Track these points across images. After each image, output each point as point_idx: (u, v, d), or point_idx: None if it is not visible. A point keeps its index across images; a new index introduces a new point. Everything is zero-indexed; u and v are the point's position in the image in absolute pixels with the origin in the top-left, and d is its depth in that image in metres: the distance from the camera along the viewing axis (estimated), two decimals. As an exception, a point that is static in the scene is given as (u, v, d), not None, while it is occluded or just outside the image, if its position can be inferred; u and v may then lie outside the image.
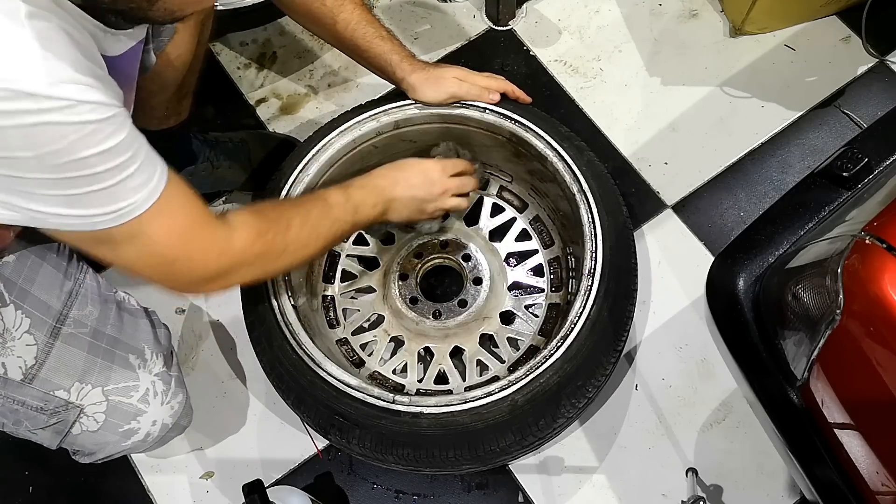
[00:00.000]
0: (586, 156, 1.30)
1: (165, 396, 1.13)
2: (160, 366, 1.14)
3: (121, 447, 1.12)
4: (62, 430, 1.07)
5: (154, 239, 0.86)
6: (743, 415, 1.40)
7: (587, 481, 1.37)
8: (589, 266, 1.20)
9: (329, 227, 1.08)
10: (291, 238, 1.02)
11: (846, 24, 1.71)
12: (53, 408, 1.05)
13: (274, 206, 1.08)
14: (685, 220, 1.56)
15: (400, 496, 1.39)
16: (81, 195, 0.78)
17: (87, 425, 1.08)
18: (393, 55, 1.26)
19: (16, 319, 1.03)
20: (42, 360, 1.04)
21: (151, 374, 1.12)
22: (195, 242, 0.91)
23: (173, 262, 0.90)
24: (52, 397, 1.05)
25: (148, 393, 1.11)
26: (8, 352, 1.03)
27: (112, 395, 1.08)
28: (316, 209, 1.07)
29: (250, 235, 0.96)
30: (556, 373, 1.14)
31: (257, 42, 1.78)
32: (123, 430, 1.09)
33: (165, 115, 1.37)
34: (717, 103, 1.65)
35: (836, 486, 0.93)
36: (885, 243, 0.81)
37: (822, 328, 0.86)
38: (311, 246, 1.06)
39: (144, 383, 1.10)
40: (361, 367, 1.37)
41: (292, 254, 1.04)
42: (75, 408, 1.06)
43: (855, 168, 1.04)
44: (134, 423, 1.10)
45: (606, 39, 1.73)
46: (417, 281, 1.42)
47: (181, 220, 0.89)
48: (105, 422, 1.08)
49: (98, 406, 1.07)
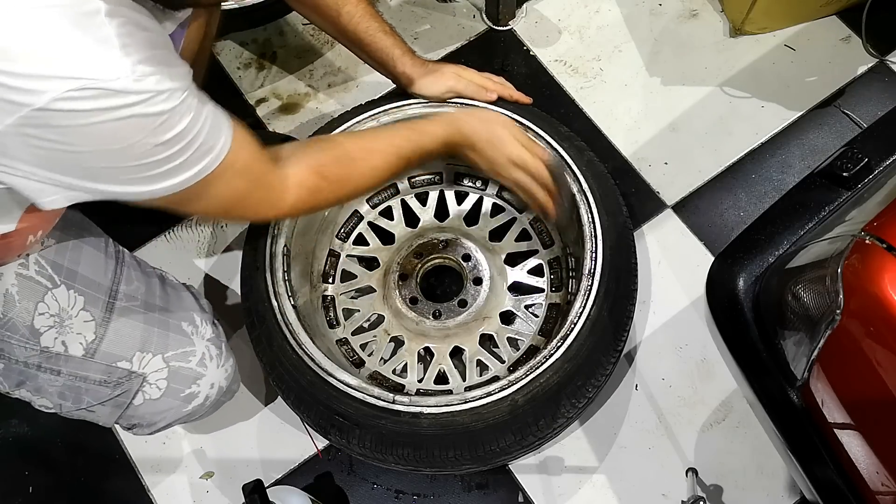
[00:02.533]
0: (586, 156, 1.30)
1: (220, 360, 1.17)
2: (210, 332, 1.18)
3: (182, 413, 1.15)
4: (123, 403, 1.11)
5: (229, 184, 0.91)
6: (743, 415, 1.40)
7: (587, 481, 1.37)
8: (589, 266, 1.20)
9: (393, 148, 1.11)
10: (349, 189, 1.08)
11: (846, 24, 1.71)
12: (117, 379, 1.09)
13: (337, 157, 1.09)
14: (685, 220, 1.56)
15: (400, 496, 1.39)
16: (164, 172, 0.82)
17: (149, 393, 1.11)
18: (395, 49, 1.28)
19: (69, 299, 1.06)
20: (101, 335, 1.07)
21: (204, 339, 1.16)
22: (258, 189, 0.96)
23: (239, 203, 0.96)
24: (115, 369, 1.08)
25: (204, 357, 1.15)
26: (66, 330, 1.06)
27: (172, 360, 1.12)
28: (379, 134, 1.14)
29: (303, 194, 1.01)
30: (556, 373, 1.14)
31: (257, 42, 1.78)
32: (185, 394, 1.13)
33: None
34: (717, 103, 1.65)
35: (836, 486, 0.93)
36: (885, 243, 0.81)
37: (822, 328, 0.86)
38: (371, 182, 1.10)
39: (200, 348, 1.15)
40: (361, 367, 1.37)
41: (349, 194, 1.10)
42: (138, 377, 1.10)
43: (855, 168, 1.04)
44: (194, 386, 1.14)
45: (606, 39, 1.73)
46: (417, 281, 1.42)
47: (249, 163, 0.93)
48: (167, 388, 1.12)
49: (160, 373, 1.11)
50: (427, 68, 1.31)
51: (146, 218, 1.59)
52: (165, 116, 0.79)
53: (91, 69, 0.72)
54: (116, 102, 0.74)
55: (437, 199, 1.49)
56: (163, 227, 1.59)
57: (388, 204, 1.50)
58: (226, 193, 0.92)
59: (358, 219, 1.48)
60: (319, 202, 1.06)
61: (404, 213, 1.49)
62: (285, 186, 1.00)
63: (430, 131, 1.16)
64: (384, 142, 1.12)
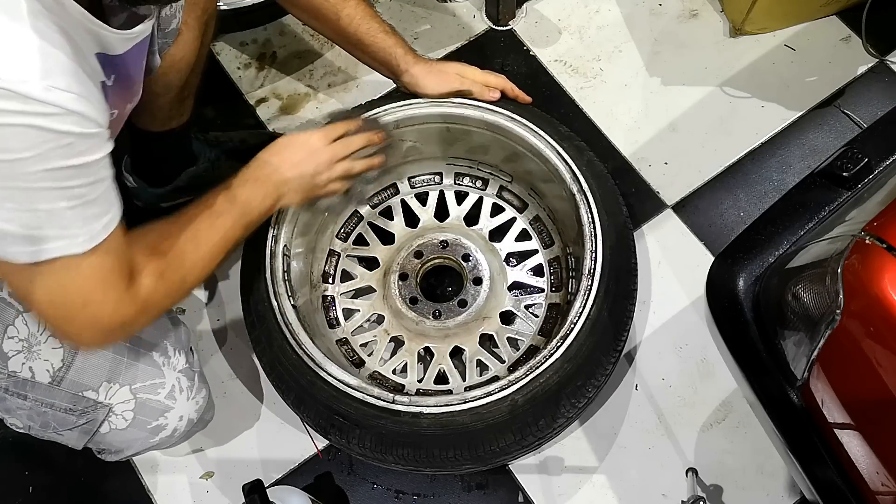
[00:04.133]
0: (586, 156, 1.30)
1: (190, 392, 1.15)
2: (183, 362, 1.16)
3: (148, 443, 1.14)
4: (90, 430, 1.09)
5: (83, 276, 0.83)
6: (743, 415, 1.40)
7: (587, 481, 1.37)
8: (589, 266, 1.20)
9: (221, 238, 1.05)
10: (188, 266, 1.00)
11: (846, 24, 1.71)
12: (83, 408, 1.07)
13: (165, 235, 1.01)
14: (685, 220, 1.56)
15: (400, 496, 1.39)
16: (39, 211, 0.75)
17: (116, 424, 1.10)
18: (397, 48, 1.28)
19: (39, 324, 1.04)
20: (69, 363, 1.05)
21: (175, 370, 1.14)
22: (112, 290, 0.88)
23: (84, 305, 0.86)
24: (80, 398, 1.07)
25: (174, 389, 1.13)
26: (34, 356, 1.04)
27: (140, 392, 1.10)
28: (203, 224, 1.04)
29: (151, 281, 0.94)
30: (556, 373, 1.14)
31: (257, 42, 1.78)
32: (152, 426, 1.12)
33: (168, 116, 1.37)
34: (717, 103, 1.65)
35: (836, 486, 0.93)
36: (885, 243, 0.81)
37: (822, 328, 0.86)
38: (207, 262, 1.04)
39: (170, 380, 1.12)
40: (361, 367, 1.37)
41: (192, 280, 1.02)
42: (104, 407, 1.08)
43: (855, 168, 1.04)
44: (162, 419, 1.12)
45: (606, 39, 1.73)
46: (417, 281, 1.42)
47: (113, 262, 0.86)
48: (134, 419, 1.10)
49: (127, 404, 1.09)
50: (430, 67, 1.30)
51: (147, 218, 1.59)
52: (67, 140, 0.73)
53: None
54: (17, 107, 0.69)
55: (437, 199, 1.49)
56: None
57: (387, 204, 1.50)
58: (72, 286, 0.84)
59: (358, 219, 1.48)
60: (167, 285, 0.97)
61: (404, 213, 1.49)
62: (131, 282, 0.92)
63: (254, 207, 1.10)
64: (216, 235, 1.05)
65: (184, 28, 1.21)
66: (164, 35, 1.17)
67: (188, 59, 1.26)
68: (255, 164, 1.13)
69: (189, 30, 1.23)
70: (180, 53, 1.24)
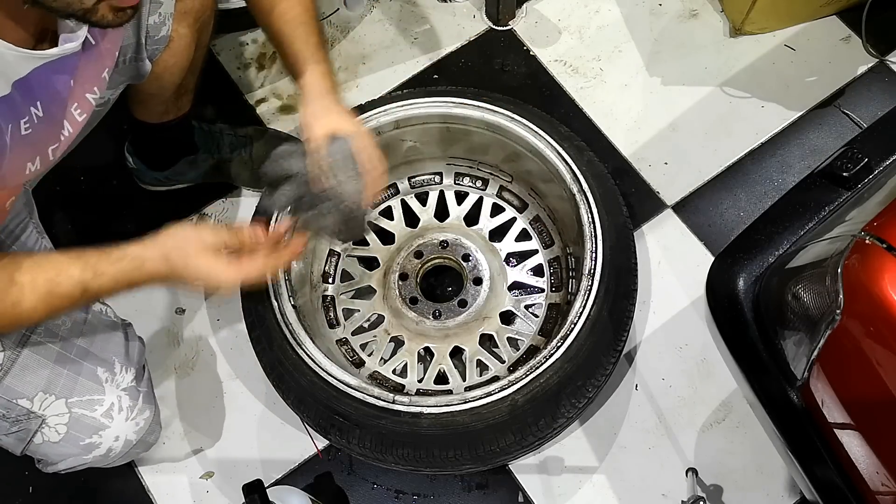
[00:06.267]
0: (586, 156, 1.30)
1: (131, 412, 1.12)
2: (129, 380, 1.12)
3: (82, 460, 1.11)
4: (24, 438, 1.06)
5: None
6: (743, 415, 1.40)
7: (587, 481, 1.37)
8: (589, 266, 1.20)
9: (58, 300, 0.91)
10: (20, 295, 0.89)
11: (846, 24, 1.71)
12: (15, 416, 1.04)
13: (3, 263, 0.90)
14: (685, 220, 1.56)
15: (400, 496, 1.39)
16: None
17: (48, 436, 1.06)
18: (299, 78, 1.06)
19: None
20: (7, 368, 1.03)
21: (119, 388, 1.11)
22: None
23: None
24: (13, 405, 1.04)
25: (113, 408, 1.09)
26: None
27: (75, 407, 1.07)
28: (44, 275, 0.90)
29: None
30: (556, 373, 1.14)
31: (257, 42, 1.77)
32: (84, 443, 1.08)
33: (165, 110, 1.38)
34: (717, 103, 1.65)
35: (836, 486, 0.93)
36: (885, 243, 0.81)
37: (822, 328, 0.86)
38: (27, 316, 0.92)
39: (110, 398, 1.09)
40: (361, 367, 1.37)
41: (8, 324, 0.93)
42: (37, 418, 1.05)
43: (855, 168, 1.04)
44: (96, 437, 1.09)
45: (606, 39, 1.73)
46: (417, 281, 1.42)
47: None
48: (67, 434, 1.07)
49: (60, 418, 1.06)
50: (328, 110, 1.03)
51: (146, 216, 1.59)
52: None
53: None
54: None
55: (437, 199, 1.49)
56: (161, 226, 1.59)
57: (388, 204, 1.50)
58: None
59: (358, 219, 1.48)
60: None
61: (404, 213, 1.49)
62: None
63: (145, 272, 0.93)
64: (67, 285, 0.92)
65: (175, 35, 1.19)
66: (154, 42, 1.16)
67: (181, 63, 1.26)
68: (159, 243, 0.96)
69: (181, 37, 1.21)
70: (173, 59, 1.23)
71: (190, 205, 1.59)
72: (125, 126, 1.47)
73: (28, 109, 0.88)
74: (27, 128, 0.88)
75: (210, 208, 1.60)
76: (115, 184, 1.60)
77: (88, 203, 1.60)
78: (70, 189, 1.59)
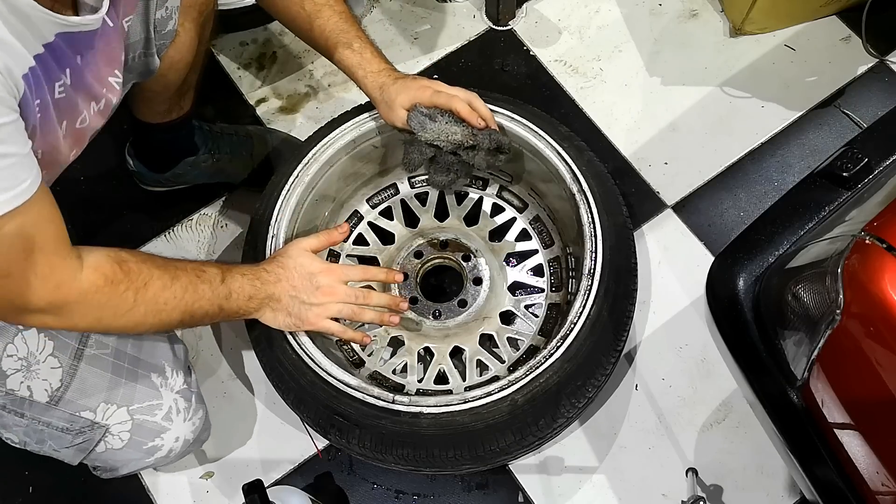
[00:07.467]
0: (586, 156, 1.30)
1: (188, 413, 1.16)
2: (181, 383, 1.16)
3: (144, 463, 1.14)
4: (86, 449, 1.10)
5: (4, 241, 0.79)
6: (743, 415, 1.40)
7: (587, 481, 1.37)
8: (589, 266, 1.20)
9: (193, 301, 1.00)
10: (146, 298, 0.95)
11: (846, 24, 1.71)
12: (79, 428, 1.08)
13: (141, 259, 0.96)
14: (685, 220, 1.56)
15: (400, 496, 1.39)
16: None
17: (111, 444, 1.10)
18: (358, 70, 1.19)
19: (39, 343, 1.04)
20: (67, 383, 1.06)
21: (173, 391, 1.14)
22: (38, 264, 0.83)
23: (6, 276, 0.82)
24: (77, 418, 1.07)
25: (171, 410, 1.13)
26: (33, 375, 1.04)
27: (137, 413, 1.10)
28: (185, 277, 0.99)
29: (98, 279, 0.89)
30: (556, 373, 1.14)
31: (257, 42, 1.78)
32: (147, 447, 1.12)
33: (168, 109, 1.38)
34: (717, 103, 1.65)
35: (836, 486, 0.93)
36: (885, 243, 0.81)
37: (822, 328, 0.86)
38: (165, 313, 0.98)
39: (167, 401, 1.13)
40: (361, 367, 1.37)
41: (142, 315, 0.96)
42: (101, 427, 1.08)
43: (855, 168, 1.04)
44: (158, 440, 1.12)
45: (606, 39, 1.73)
46: (417, 281, 1.42)
47: (33, 235, 0.82)
48: (130, 440, 1.10)
49: (123, 425, 1.10)
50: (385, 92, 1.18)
51: (146, 217, 1.60)
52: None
53: None
54: None
55: (437, 199, 1.49)
56: (163, 226, 1.59)
57: (388, 204, 1.50)
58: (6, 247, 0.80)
59: (358, 219, 1.48)
60: (114, 298, 0.92)
61: (404, 213, 1.49)
62: (75, 266, 0.88)
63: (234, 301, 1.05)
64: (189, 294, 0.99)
65: (181, 30, 1.21)
66: (161, 37, 1.17)
67: (186, 59, 1.27)
68: (264, 264, 1.11)
69: (186, 32, 1.23)
70: (178, 55, 1.24)
71: (190, 205, 1.60)
72: (125, 127, 1.47)
73: (59, 75, 0.88)
74: (61, 91, 0.89)
75: (210, 208, 1.60)
76: (116, 185, 1.61)
77: (89, 204, 1.60)
78: (71, 190, 1.60)
